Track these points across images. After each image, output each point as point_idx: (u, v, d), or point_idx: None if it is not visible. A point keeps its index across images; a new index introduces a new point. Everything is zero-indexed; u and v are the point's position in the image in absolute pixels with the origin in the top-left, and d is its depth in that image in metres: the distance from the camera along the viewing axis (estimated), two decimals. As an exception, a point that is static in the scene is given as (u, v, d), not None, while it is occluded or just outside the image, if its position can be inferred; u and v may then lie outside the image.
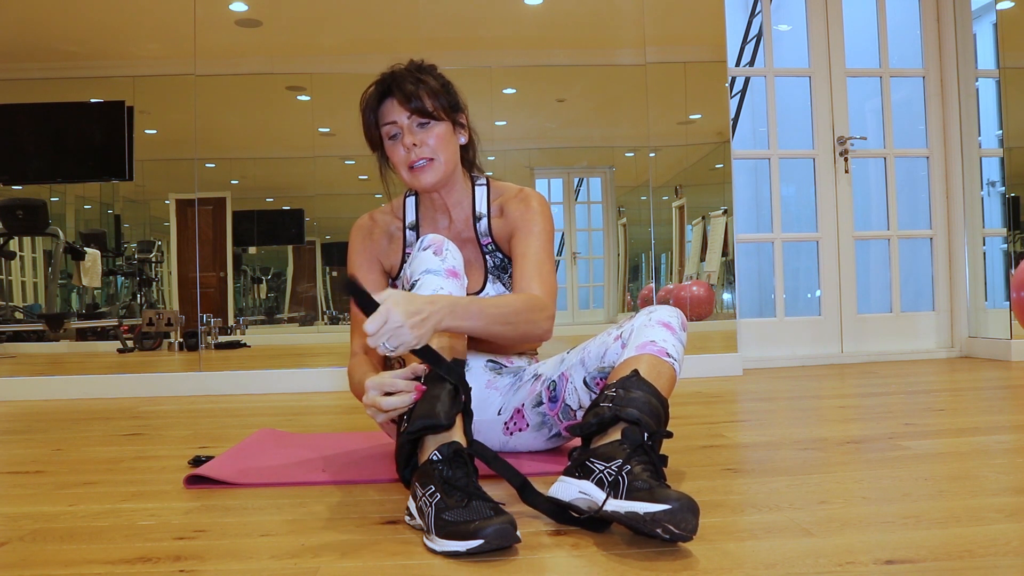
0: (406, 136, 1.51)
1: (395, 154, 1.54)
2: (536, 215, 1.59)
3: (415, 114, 1.51)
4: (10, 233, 3.57)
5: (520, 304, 1.39)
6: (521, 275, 1.53)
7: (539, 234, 1.57)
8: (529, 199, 1.62)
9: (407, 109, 1.50)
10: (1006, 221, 3.72)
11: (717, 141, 3.65)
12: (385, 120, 1.53)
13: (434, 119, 1.52)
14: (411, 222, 1.66)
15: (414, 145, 1.51)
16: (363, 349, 1.54)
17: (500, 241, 1.63)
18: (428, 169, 1.53)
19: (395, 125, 1.52)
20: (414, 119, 1.51)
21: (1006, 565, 0.97)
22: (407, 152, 1.52)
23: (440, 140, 1.53)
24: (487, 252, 1.64)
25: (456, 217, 1.64)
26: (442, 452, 1.15)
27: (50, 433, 2.26)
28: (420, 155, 1.52)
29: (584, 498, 1.14)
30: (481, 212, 1.64)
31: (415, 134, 1.52)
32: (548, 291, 1.51)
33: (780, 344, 3.78)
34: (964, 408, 2.31)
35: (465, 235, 1.65)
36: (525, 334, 1.41)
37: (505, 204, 1.63)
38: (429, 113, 1.51)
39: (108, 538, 1.18)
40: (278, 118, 3.61)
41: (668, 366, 1.36)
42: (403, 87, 1.51)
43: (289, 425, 2.29)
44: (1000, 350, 3.59)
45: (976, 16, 3.83)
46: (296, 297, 3.77)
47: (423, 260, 1.41)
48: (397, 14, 3.46)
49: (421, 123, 1.52)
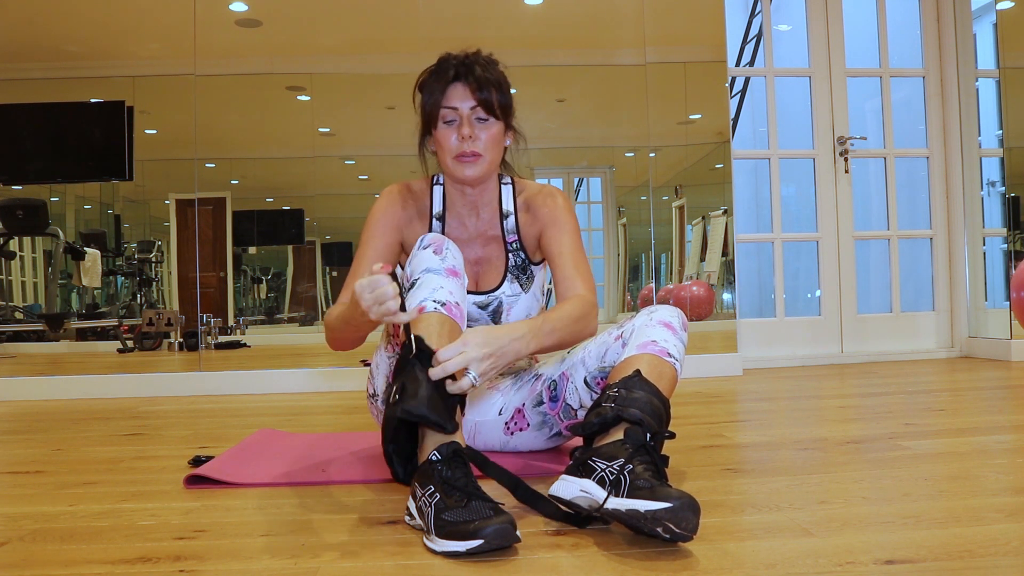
0: (464, 126, 1.50)
1: (446, 139, 1.52)
2: (564, 211, 1.61)
3: (480, 106, 1.50)
4: (10, 233, 3.57)
5: (579, 311, 1.44)
6: (563, 275, 1.55)
7: (571, 231, 1.60)
8: (555, 195, 1.64)
9: (474, 99, 1.50)
10: (1006, 221, 3.72)
11: (717, 141, 3.65)
12: (448, 103, 1.51)
13: (494, 117, 1.52)
14: (438, 212, 1.65)
15: (468, 137, 1.50)
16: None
17: (525, 239, 1.64)
18: (474, 164, 1.53)
19: (455, 112, 1.50)
20: (477, 111, 1.51)
21: (1006, 565, 0.97)
22: (460, 142, 1.51)
23: (492, 140, 1.53)
24: (510, 251, 1.64)
25: (483, 214, 1.64)
26: (441, 452, 1.15)
27: (50, 433, 2.26)
28: (472, 148, 1.51)
29: (585, 496, 1.14)
30: (508, 210, 1.65)
31: (473, 126, 1.51)
32: (591, 288, 1.54)
33: (780, 344, 3.77)
34: (964, 408, 2.31)
35: (491, 232, 1.65)
36: (582, 336, 1.47)
37: (531, 200, 1.64)
38: (492, 110, 1.51)
39: (108, 538, 1.18)
40: (278, 118, 3.61)
41: (669, 366, 1.36)
42: (476, 76, 1.50)
43: (289, 425, 2.29)
44: (1000, 350, 3.59)
45: (976, 16, 3.83)
46: (296, 297, 3.77)
47: (423, 259, 1.41)
48: (397, 14, 3.46)
49: (481, 117, 1.51)
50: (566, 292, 1.53)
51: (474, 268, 1.64)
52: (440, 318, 1.32)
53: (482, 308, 1.62)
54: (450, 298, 1.36)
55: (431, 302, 1.34)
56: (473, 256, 1.64)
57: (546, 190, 1.65)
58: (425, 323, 1.31)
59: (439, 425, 1.15)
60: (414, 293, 1.37)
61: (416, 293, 1.36)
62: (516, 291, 1.63)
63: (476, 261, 1.65)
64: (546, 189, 1.66)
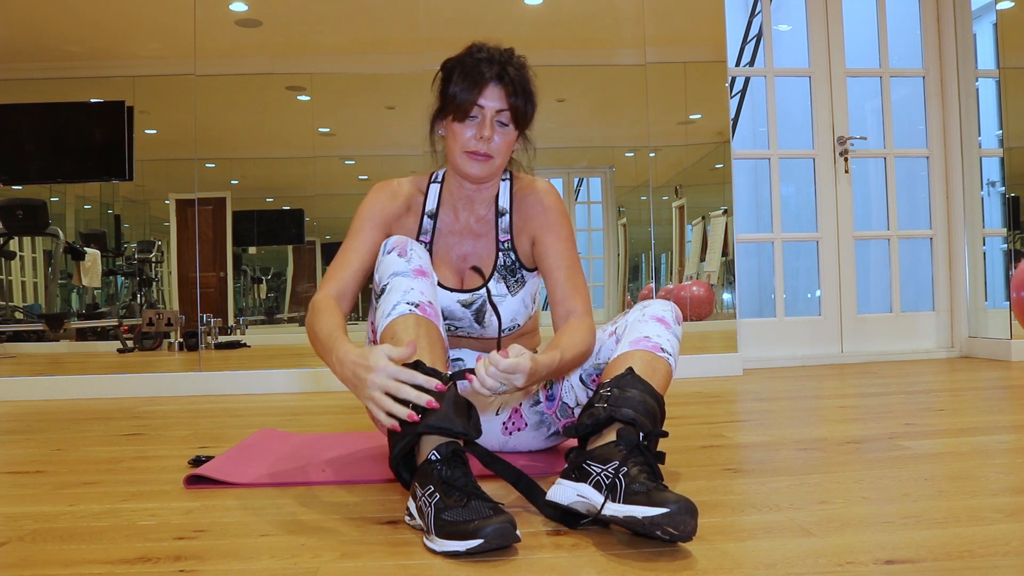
0: (486, 127, 1.47)
1: (461, 132, 1.48)
2: (556, 215, 1.57)
3: (509, 110, 1.47)
4: (10, 233, 3.57)
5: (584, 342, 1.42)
6: (561, 293, 1.52)
7: (565, 238, 1.56)
8: (542, 197, 1.59)
9: (506, 103, 1.47)
10: (1006, 221, 3.72)
11: (717, 141, 3.65)
12: (480, 100, 1.46)
13: (515, 124, 1.50)
14: (431, 210, 1.60)
15: (486, 138, 1.47)
16: (337, 294, 1.46)
17: (518, 241, 1.59)
18: (483, 164, 1.50)
19: (481, 109, 1.47)
20: (502, 114, 1.48)
21: (1006, 565, 0.97)
22: (476, 140, 1.48)
23: (506, 144, 1.51)
24: (502, 250, 1.60)
25: (479, 209, 1.60)
26: (440, 452, 1.15)
27: (50, 433, 2.26)
28: (484, 149, 1.48)
29: (582, 501, 1.14)
30: (504, 207, 1.61)
31: (494, 128, 1.48)
32: (588, 306, 1.52)
33: (780, 344, 3.77)
34: (964, 408, 2.31)
35: (483, 228, 1.60)
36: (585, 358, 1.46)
37: (518, 196, 1.60)
38: (517, 117, 1.49)
39: (108, 538, 1.18)
40: (278, 118, 3.61)
41: (663, 362, 1.35)
42: (512, 80, 1.47)
43: (289, 425, 2.29)
44: (1000, 350, 3.59)
45: (976, 16, 3.83)
46: (296, 297, 3.77)
47: (389, 263, 1.40)
48: (397, 14, 3.46)
49: (502, 121, 1.49)
50: (564, 312, 1.51)
51: (461, 263, 1.60)
52: (416, 319, 1.32)
53: (466, 307, 1.57)
54: (422, 298, 1.35)
55: (404, 304, 1.33)
56: (462, 251, 1.60)
57: (533, 188, 1.60)
58: (402, 326, 1.31)
59: (465, 434, 1.14)
60: (385, 299, 1.36)
61: (388, 298, 1.36)
62: (503, 292, 1.58)
63: (464, 256, 1.60)
64: (533, 187, 1.60)
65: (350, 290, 1.47)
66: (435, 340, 1.32)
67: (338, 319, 1.36)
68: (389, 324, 1.32)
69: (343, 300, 1.46)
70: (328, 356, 1.29)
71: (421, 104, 1.60)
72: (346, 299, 1.46)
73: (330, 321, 1.34)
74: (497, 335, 1.59)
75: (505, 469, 1.22)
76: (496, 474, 1.23)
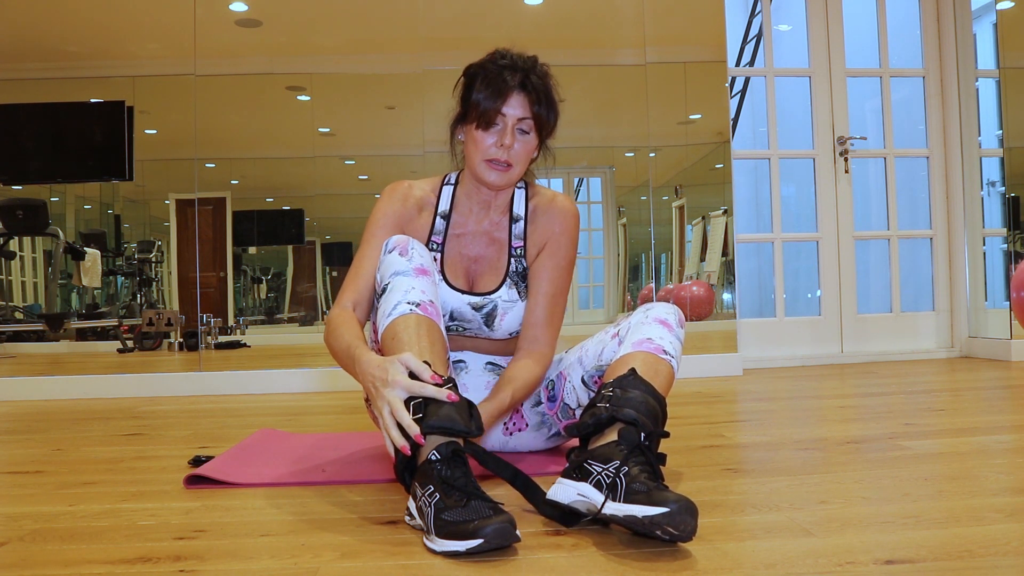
0: (507, 135, 1.48)
1: (482, 139, 1.49)
2: (566, 238, 1.60)
3: (531, 119, 1.48)
4: (10, 233, 3.57)
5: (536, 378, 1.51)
6: (535, 316, 1.57)
7: (564, 266, 1.59)
8: (563, 217, 1.61)
9: (529, 112, 1.48)
10: (1006, 221, 3.72)
11: (717, 141, 3.65)
12: (501, 107, 1.47)
13: (536, 133, 1.51)
14: (444, 211, 1.61)
15: (506, 146, 1.48)
16: (354, 304, 1.46)
17: (528, 247, 1.61)
18: (503, 173, 1.51)
19: (503, 118, 1.48)
20: (524, 122, 1.49)
21: (1006, 565, 0.97)
22: (497, 148, 1.49)
23: (526, 153, 1.52)
24: (513, 256, 1.61)
25: (493, 214, 1.62)
26: (440, 452, 1.15)
27: (50, 433, 2.26)
28: (504, 157, 1.49)
29: (583, 500, 1.14)
30: (519, 214, 1.62)
31: (515, 137, 1.49)
32: (554, 338, 1.57)
33: (780, 344, 3.77)
34: (964, 408, 2.31)
35: (496, 233, 1.61)
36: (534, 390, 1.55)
37: (538, 209, 1.62)
38: (538, 127, 1.50)
39: (108, 538, 1.18)
40: (278, 118, 3.61)
41: (665, 364, 1.35)
42: (536, 89, 1.48)
43: (289, 425, 2.29)
44: (1000, 350, 3.59)
45: (976, 16, 3.83)
46: (296, 297, 3.77)
47: (391, 263, 1.40)
48: (397, 14, 3.46)
49: (524, 130, 1.49)
50: (531, 337, 1.56)
51: (472, 266, 1.61)
52: (417, 319, 1.32)
53: (476, 310, 1.58)
54: (423, 297, 1.35)
55: (405, 304, 1.33)
56: (473, 253, 1.61)
57: (554, 204, 1.62)
58: (403, 326, 1.31)
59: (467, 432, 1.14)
60: (386, 298, 1.36)
61: (389, 298, 1.36)
62: (513, 298, 1.59)
63: (475, 259, 1.61)
64: (554, 202, 1.62)
65: (366, 298, 1.48)
66: (436, 340, 1.32)
67: (354, 330, 1.37)
68: (390, 324, 1.33)
69: (360, 308, 1.47)
70: (352, 368, 1.31)
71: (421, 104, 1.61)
72: (363, 307, 1.48)
73: (346, 334, 1.35)
74: (506, 337, 1.62)
75: (501, 466, 1.22)
76: (491, 472, 1.23)
